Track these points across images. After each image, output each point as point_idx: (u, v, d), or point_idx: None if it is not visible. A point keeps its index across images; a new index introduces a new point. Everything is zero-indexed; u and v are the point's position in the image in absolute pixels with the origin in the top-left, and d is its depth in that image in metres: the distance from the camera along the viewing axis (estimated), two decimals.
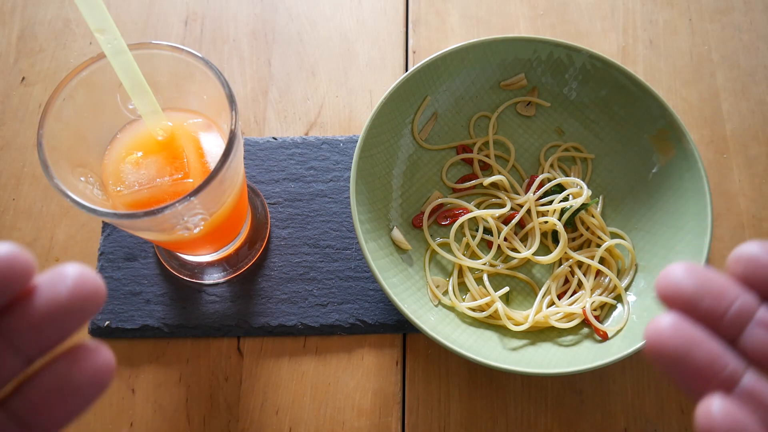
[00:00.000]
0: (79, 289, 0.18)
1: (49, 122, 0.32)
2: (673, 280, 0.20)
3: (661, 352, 0.19)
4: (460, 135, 0.50)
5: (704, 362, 0.19)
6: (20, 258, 0.18)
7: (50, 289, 0.18)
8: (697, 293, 0.20)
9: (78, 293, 0.18)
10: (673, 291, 0.20)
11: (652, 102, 0.46)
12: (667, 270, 0.21)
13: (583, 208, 0.46)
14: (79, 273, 0.19)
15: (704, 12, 0.57)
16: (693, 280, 0.20)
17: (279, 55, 0.55)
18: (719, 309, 0.20)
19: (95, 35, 0.32)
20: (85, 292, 0.18)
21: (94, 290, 0.19)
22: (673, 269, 0.20)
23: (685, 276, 0.20)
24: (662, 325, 0.20)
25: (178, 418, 0.43)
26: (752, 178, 0.51)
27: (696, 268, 0.20)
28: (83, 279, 0.18)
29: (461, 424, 0.43)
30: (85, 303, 0.18)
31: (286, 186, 0.49)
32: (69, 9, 0.56)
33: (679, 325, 0.20)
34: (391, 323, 0.45)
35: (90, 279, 0.19)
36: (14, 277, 0.18)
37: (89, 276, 0.19)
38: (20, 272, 0.18)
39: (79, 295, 0.18)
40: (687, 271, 0.20)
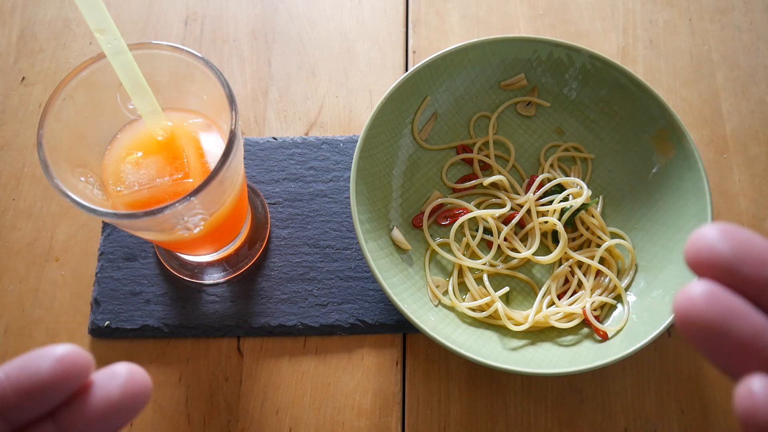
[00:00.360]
0: (129, 388, 0.20)
1: (49, 122, 0.32)
2: (707, 243, 0.17)
3: (695, 324, 0.17)
4: (460, 135, 0.50)
5: (745, 337, 0.17)
6: (79, 358, 0.19)
7: (104, 387, 0.20)
8: (737, 258, 0.17)
9: (128, 391, 0.20)
10: (707, 256, 0.17)
11: (652, 102, 0.46)
12: (699, 232, 0.18)
13: (583, 208, 0.46)
14: (130, 372, 0.20)
15: (704, 12, 0.57)
16: (730, 243, 0.17)
17: (279, 55, 0.55)
18: (762, 276, 0.17)
19: (95, 35, 0.32)
20: (135, 391, 0.20)
21: (142, 388, 0.20)
22: (706, 231, 0.18)
23: (722, 238, 0.17)
24: (695, 294, 0.17)
25: (178, 418, 0.43)
26: (752, 178, 0.51)
27: (732, 229, 0.18)
28: (133, 377, 0.20)
29: (461, 424, 0.43)
30: (134, 401, 0.20)
31: (286, 186, 0.49)
32: (69, 9, 0.56)
33: (715, 294, 0.17)
34: (391, 323, 0.45)
35: (139, 378, 0.20)
36: (73, 376, 0.19)
37: (138, 375, 0.20)
38: (79, 371, 0.19)
39: (129, 393, 0.20)
40: (723, 232, 0.18)
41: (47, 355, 0.19)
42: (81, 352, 0.19)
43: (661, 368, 0.45)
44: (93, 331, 0.44)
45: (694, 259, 0.18)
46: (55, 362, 0.19)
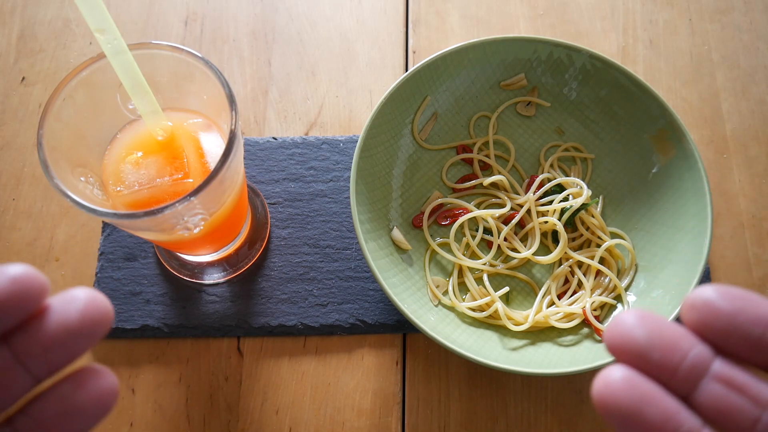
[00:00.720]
0: (89, 313, 0.19)
1: (49, 122, 0.32)
2: (623, 329, 0.19)
3: (612, 408, 0.18)
4: (460, 135, 0.50)
5: (658, 421, 0.18)
6: (34, 279, 0.18)
7: (61, 311, 0.19)
8: (649, 344, 0.18)
9: (88, 316, 0.19)
10: (623, 341, 0.19)
11: (652, 102, 0.46)
12: (618, 318, 0.19)
13: (583, 208, 0.46)
14: (89, 296, 0.19)
15: (704, 12, 0.57)
16: (644, 330, 0.19)
17: (279, 55, 0.55)
18: (672, 362, 0.18)
19: (95, 35, 0.32)
20: (95, 316, 0.19)
21: (103, 314, 0.19)
22: (624, 317, 0.19)
23: (636, 325, 0.19)
24: (612, 378, 0.18)
25: (178, 418, 0.43)
26: (752, 178, 0.51)
27: (648, 316, 0.19)
28: (93, 302, 0.19)
29: (461, 424, 0.43)
30: (93, 326, 0.19)
31: (286, 186, 0.49)
32: (69, 9, 0.56)
33: (630, 379, 0.18)
34: (391, 323, 0.45)
35: (99, 303, 0.19)
36: (28, 297, 0.18)
37: (99, 299, 0.19)
38: (34, 293, 0.18)
39: (89, 318, 0.19)
40: (638, 319, 0.19)
41: (0, 275, 0.18)
42: (36, 274, 0.18)
43: None
44: None
45: (613, 343, 0.19)
46: (9, 282, 0.18)
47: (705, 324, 0.18)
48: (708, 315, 0.18)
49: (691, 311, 0.19)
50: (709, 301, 0.18)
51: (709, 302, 0.18)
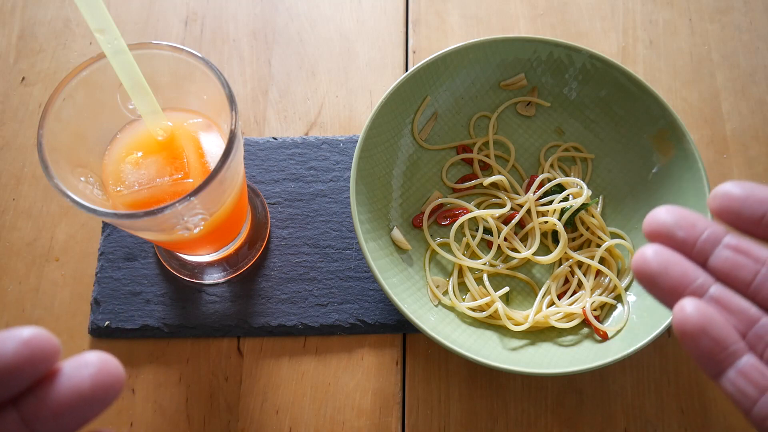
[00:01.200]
0: (101, 378, 0.19)
1: (49, 122, 0.32)
2: (656, 217, 0.24)
3: (645, 273, 0.23)
4: (460, 135, 0.50)
5: (678, 276, 0.23)
6: (46, 342, 0.18)
7: (73, 375, 0.19)
8: (675, 225, 0.23)
9: (99, 382, 0.19)
10: (655, 226, 0.24)
11: (652, 102, 0.46)
12: (653, 212, 0.24)
13: (583, 208, 0.46)
14: (102, 360, 0.19)
15: (704, 12, 0.57)
16: (672, 216, 0.24)
17: (279, 55, 0.55)
18: (692, 237, 0.23)
19: (95, 35, 0.32)
20: (107, 381, 0.19)
21: (115, 379, 0.19)
22: (658, 210, 0.24)
23: (666, 214, 0.24)
24: (646, 252, 0.23)
25: (178, 418, 0.43)
26: (752, 178, 0.51)
27: (676, 208, 0.24)
28: (105, 367, 0.19)
29: (461, 424, 0.43)
30: (106, 392, 0.19)
31: (286, 186, 0.49)
32: (69, 9, 0.56)
33: (659, 251, 0.23)
34: (391, 323, 0.45)
35: (112, 367, 0.19)
36: (39, 360, 0.18)
37: (111, 364, 0.19)
38: (46, 356, 0.18)
39: (101, 384, 0.19)
40: (668, 210, 0.24)
41: (12, 337, 0.18)
42: (48, 336, 0.18)
43: (661, 368, 0.45)
44: (93, 331, 0.44)
45: (648, 229, 0.24)
46: (20, 345, 0.18)
47: (723, 207, 0.23)
48: (725, 200, 0.23)
49: (714, 200, 0.23)
50: (727, 189, 0.23)
51: (727, 190, 0.23)
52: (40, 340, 0.18)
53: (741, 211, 0.23)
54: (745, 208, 0.23)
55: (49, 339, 0.18)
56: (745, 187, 0.23)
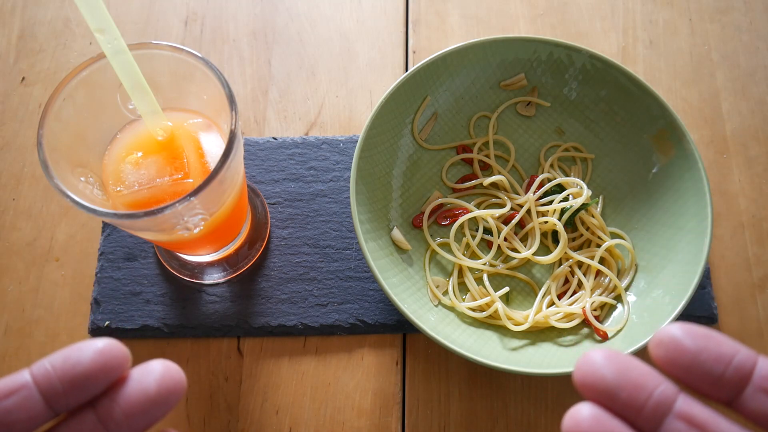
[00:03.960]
0: (165, 382, 0.21)
1: (49, 122, 0.32)
2: (592, 368, 0.20)
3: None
4: (460, 135, 0.50)
5: None
6: (118, 350, 0.20)
7: (141, 380, 0.21)
8: (617, 384, 0.19)
9: (164, 386, 0.21)
10: (592, 380, 0.20)
11: (652, 102, 0.46)
12: (586, 357, 0.20)
13: (583, 208, 0.46)
14: (165, 367, 0.21)
15: (704, 12, 0.57)
16: (612, 370, 0.20)
17: (279, 55, 0.55)
18: (638, 400, 0.19)
19: (95, 35, 0.32)
20: (170, 385, 0.21)
21: (177, 383, 0.21)
22: (593, 356, 0.20)
23: (605, 364, 0.20)
24: (581, 416, 0.19)
25: (178, 418, 0.43)
26: (752, 178, 0.51)
27: (615, 355, 0.20)
28: (169, 373, 0.21)
29: (461, 424, 0.43)
30: (169, 395, 0.21)
31: (286, 186, 0.49)
32: (69, 9, 0.56)
33: (597, 418, 0.19)
34: (391, 323, 0.45)
35: (174, 373, 0.21)
36: (112, 367, 0.20)
37: (173, 370, 0.21)
38: (117, 363, 0.20)
39: (165, 388, 0.21)
40: (606, 359, 0.20)
41: (88, 347, 0.20)
42: (119, 346, 0.21)
43: None
44: (93, 331, 0.44)
45: (582, 381, 0.20)
46: (96, 354, 0.20)
47: (670, 360, 0.20)
48: (673, 352, 0.19)
49: (659, 348, 0.20)
50: (675, 338, 0.20)
51: (676, 340, 0.20)
52: (112, 348, 0.20)
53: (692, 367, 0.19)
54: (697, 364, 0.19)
55: (120, 348, 0.21)
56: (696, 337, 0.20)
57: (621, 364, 0.20)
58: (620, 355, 0.20)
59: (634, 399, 0.19)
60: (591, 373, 0.20)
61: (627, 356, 0.20)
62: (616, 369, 0.20)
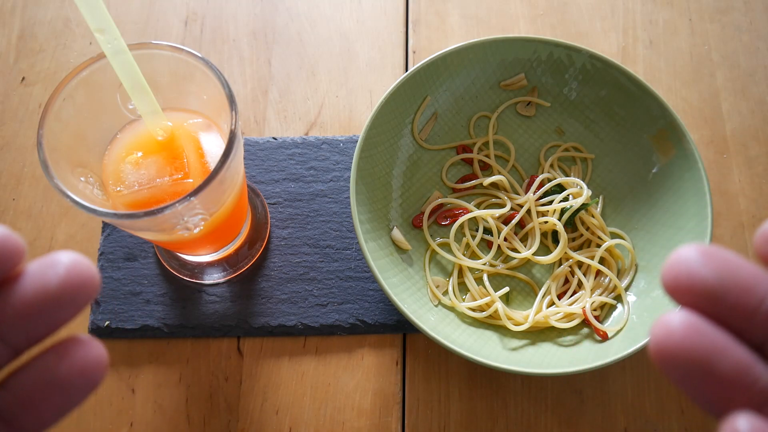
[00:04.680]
0: (70, 278, 0.17)
1: (49, 122, 0.32)
2: (687, 267, 0.16)
3: (674, 359, 0.15)
4: (460, 135, 0.50)
5: (729, 374, 0.15)
6: (9, 240, 0.17)
7: (40, 276, 0.17)
8: (721, 285, 0.15)
9: (69, 282, 0.17)
10: (688, 282, 0.16)
11: (652, 102, 0.46)
12: (678, 254, 0.16)
13: (583, 208, 0.46)
14: (72, 260, 0.17)
15: (704, 12, 0.57)
16: (714, 269, 0.16)
17: (279, 55, 0.55)
18: (749, 305, 0.15)
19: (95, 35, 0.32)
20: (78, 281, 0.17)
21: (87, 279, 0.17)
22: (686, 253, 0.16)
23: (704, 262, 0.16)
24: (674, 325, 0.15)
25: (178, 418, 0.43)
26: (752, 178, 0.51)
27: (714, 251, 0.16)
28: (76, 267, 0.17)
29: (461, 424, 0.43)
30: (76, 293, 0.17)
31: (286, 186, 0.49)
32: (69, 9, 0.56)
33: (697, 327, 0.15)
34: (391, 323, 0.45)
35: (83, 267, 0.17)
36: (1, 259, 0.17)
37: (82, 264, 0.17)
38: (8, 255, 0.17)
39: (71, 284, 0.17)
40: (704, 256, 0.16)
41: None
42: (11, 235, 0.17)
43: None
44: (93, 331, 0.44)
45: (673, 284, 0.16)
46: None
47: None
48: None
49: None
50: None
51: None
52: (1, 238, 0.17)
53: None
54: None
55: (12, 238, 0.17)
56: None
57: (725, 262, 0.16)
58: (721, 251, 0.16)
59: (743, 303, 0.15)
60: (687, 273, 0.16)
61: (727, 253, 0.16)
62: (718, 267, 0.16)
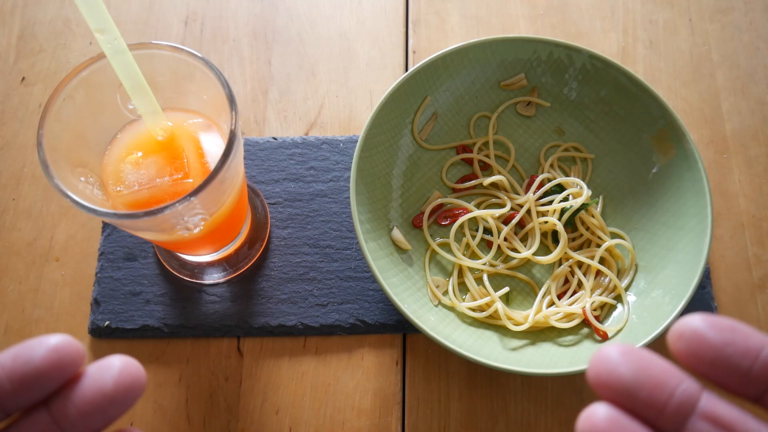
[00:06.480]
0: (123, 379, 0.20)
1: (49, 122, 0.32)
2: (608, 365, 0.18)
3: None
4: (460, 135, 0.50)
5: None
6: (72, 347, 0.20)
7: (98, 377, 0.20)
8: (636, 382, 0.18)
9: (122, 383, 0.20)
10: (608, 378, 0.18)
11: (652, 102, 0.46)
12: (601, 353, 0.18)
13: (583, 208, 0.46)
14: (124, 363, 0.20)
15: (704, 12, 0.57)
16: (630, 366, 0.18)
17: (279, 55, 0.55)
18: (659, 400, 0.18)
19: (95, 35, 0.32)
20: (128, 382, 0.20)
21: (136, 379, 0.20)
22: (608, 352, 0.18)
23: (622, 361, 0.18)
24: (598, 418, 0.18)
25: (178, 418, 0.43)
26: (752, 178, 0.51)
27: (632, 350, 0.18)
28: (127, 369, 0.20)
29: (461, 424, 0.43)
30: (127, 393, 0.20)
31: (286, 186, 0.49)
32: (69, 9, 0.56)
33: (615, 420, 0.18)
34: (391, 323, 0.45)
35: (133, 369, 0.20)
36: (66, 365, 0.19)
37: (132, 366, 0.20)
38: (72, 360, 0.19)
39: (123, 385, 0.20)
40: (623, 354, 0.18)
41: (40, 344, 0.19)
42: (73, 342, 0.20)
43: None
44: (93, 331, 0.44)
45: (597, 380, 0.18)
46: (48, 351, 0.19)
47: (692, 354, 0.18)
48: (696, 345, 0.18)
49: (679, 341, 0.18)
50: (698, 331, 0.18)
51: (698, 332, 0.18)
52: (66, 345, 0.19)
53: (717, 362, 0.18)
54: (722, 359, 0.18)
55: (74, 345, 0.20)
56: (720, 329, 0.18)
57: (639, 361, 0.18)
58: (637, 350, 0.18)
59: (654, 398, 0.18)
60: (607, 371, 0.18)
61: (644, 351, 0.19)
62: (633, 366, 0.18)
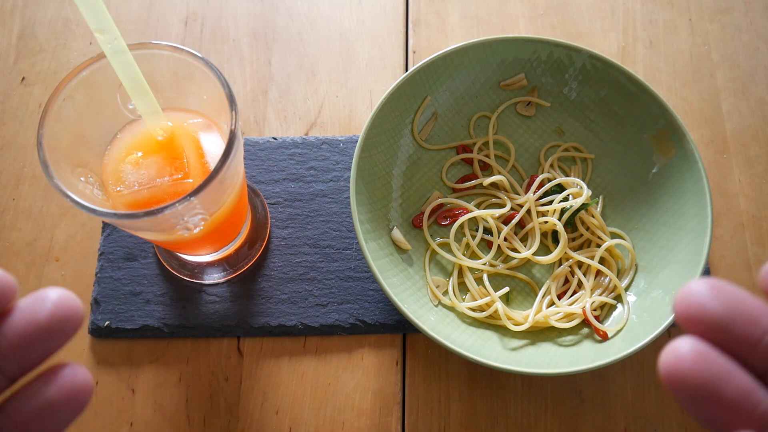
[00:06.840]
0: (58, 311, 0.19)
1: (49, 122, 0.32)
2: (697, 300, 0.17)
3: (682, 383, 0.17)
4: (460, 135, 0.50)
5: (734, 399, 0.16)
6: (1, 279, 0.19)
7: (30, 310, 0.19)
8: (728, 317, 0.17)
9: (57, 315, 0.19)
10: (697, 313, 0.17)
11: (652, 102, 0.46)
12: (689, 288, 0.18)
13: (583, 208, 0.46)
14: (59, 295, 0.19)
15: (704, 12, 0.57)
16: (721, 302, 0.17)
17: (279, 55, 0.55)
18: (753, 336, 0.17)
19: (95, 35, 0.32)
20: (64, 315, 0.19)
21: (73, 311, 0.19)
22: (696, 287, 0.18)
23: (712, 296, 0.17)
24: (683, 351, 0.17)
25: (178, 418, 0.43)
26: (752, 178, 0.51)
27: (722, 286, 0.18)
28: (63, 301, 0.19)
29: (461, 424, 0.43)
30: (63, 325, 0.19)
31: (286, 186, 0.49)
32: (69, 9, 0.56)
33: (703, 354, 0.17)
34: (391, 323, 0.45)
35: (69, 301, 0.19)
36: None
37: (69, 298, 0.19)
38: (2, 293, 0.19)
39: (58, 317, 0.19)
40: (713, 290, 0.17)
41: None
42: (2, 275, 0.19)
43: None
44: (93, 331, 0.44)
45: (684, 315, 0.18)
46: None
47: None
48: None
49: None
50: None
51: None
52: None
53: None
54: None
55: (2, 278, 0.19)
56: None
57: (731, 296, 0.17)
58: (727, 285, 0.18)
59: (748, 334, 0.17)
60: (697, 304, 0.17)
61: (734, 287, 0.18)
62: (726, 300, 0.17)
